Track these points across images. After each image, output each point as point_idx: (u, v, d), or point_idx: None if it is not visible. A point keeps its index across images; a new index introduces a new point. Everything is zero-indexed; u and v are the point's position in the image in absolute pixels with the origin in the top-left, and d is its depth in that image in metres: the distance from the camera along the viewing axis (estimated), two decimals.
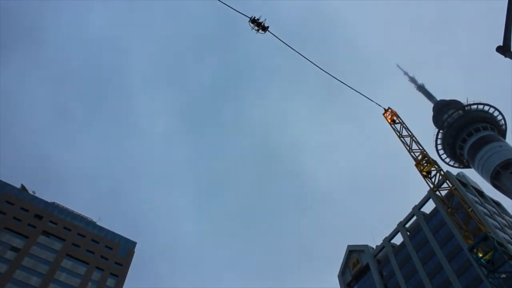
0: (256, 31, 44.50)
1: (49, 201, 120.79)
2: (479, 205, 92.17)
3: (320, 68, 46.83)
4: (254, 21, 44.59)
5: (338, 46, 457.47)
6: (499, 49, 32.66)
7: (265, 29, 44.74)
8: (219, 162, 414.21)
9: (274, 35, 44.79)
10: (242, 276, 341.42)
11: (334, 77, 46.90)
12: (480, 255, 42.73)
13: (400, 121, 53.57)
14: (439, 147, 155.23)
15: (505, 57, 32.91)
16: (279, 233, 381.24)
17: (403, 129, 52.94)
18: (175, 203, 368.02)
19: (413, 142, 51.66)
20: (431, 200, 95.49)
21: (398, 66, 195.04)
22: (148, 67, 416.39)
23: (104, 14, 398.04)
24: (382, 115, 54.29)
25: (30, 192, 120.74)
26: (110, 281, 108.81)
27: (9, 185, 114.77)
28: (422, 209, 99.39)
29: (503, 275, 43.24)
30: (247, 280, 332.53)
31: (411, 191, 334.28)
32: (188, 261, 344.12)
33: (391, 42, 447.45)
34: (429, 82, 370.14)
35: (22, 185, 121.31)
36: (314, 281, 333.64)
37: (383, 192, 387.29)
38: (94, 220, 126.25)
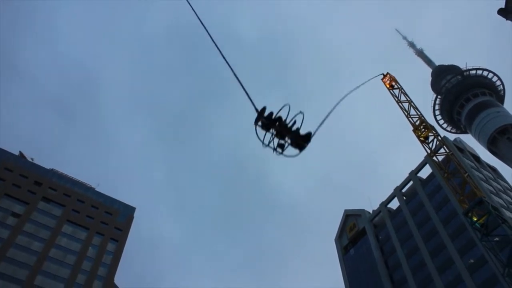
0: (279, 152, 17.06)
1: (47, 167, 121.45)
2: (475, 170, 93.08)
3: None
4: (271, 123, 16.69)
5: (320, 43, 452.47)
6: (501, 12, 32.16)
7: (307, 139, 17.01)
8: (193, 175, 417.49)
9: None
10: (220, 274, 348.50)
11: None
12: (475, 219, 43.46)
13: (399, 86, 53.21)
14: (437, 112, 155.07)
15: (507, 19, 32.44)
16: (252, 235, 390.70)
17: (402, 94, 52.71)
18: (155, 211, 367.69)
19: (411, 108, 51.57)
20: (427, 165, 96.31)
21: (397, 30, 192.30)
22: (121, 86, 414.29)
23: (76, 34, 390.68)
24: (381, 81, 53.94)
25: (29, 159, 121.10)
26: (111, 246, 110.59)
27: (7, 152, 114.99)
28: (418, 174, 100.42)
29: (496, 239, 44.12)
30: (224, 278, 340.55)
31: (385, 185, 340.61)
32: (169, 263, 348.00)
33: (387, 9, 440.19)
34: (428, 48, 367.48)
35: (20, 152, 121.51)
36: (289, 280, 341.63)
37: (351, 193, 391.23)
38: (93, 186, 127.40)
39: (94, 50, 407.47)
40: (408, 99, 52.19)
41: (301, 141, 16.90)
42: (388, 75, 53.62)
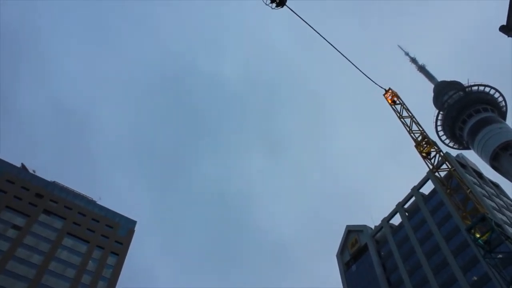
0: (271, 8, 36.31)
1: (49, 180, 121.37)
2: (478, 186, 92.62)
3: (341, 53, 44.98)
4: None
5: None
6: (502, 29, 32.45)
7: (282, 2, 36.51)
8: (180, 214, 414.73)
9: (292, 10, 37.09)
10: None
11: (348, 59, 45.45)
12: (478, 235, 42.97)
13: (401, 102, 53.15)
14: (439, 128, 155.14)
15: (508, 36, 32.71)
16: (241, 271, 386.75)
17: (404, 110, 52.66)
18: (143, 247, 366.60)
19: (413, 123, 51.46)
20: (430, 181, 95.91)
21: (399, 46, 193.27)
22: (112, 127, 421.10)
23: (71, 76, 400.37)
24: (383, 96, 54.01)
25: (30, 171, 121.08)
26: (111, 260, 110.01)
27: (9, 164, 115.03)
28: (420, 190, 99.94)
29: (500, 256, 43.67)
30: None
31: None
32: None
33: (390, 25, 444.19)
34: (430, 64, 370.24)
35: (22, 164, 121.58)
36: None
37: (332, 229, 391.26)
38: (94, 199, 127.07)
39: (88, 92, 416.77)
40: (410, 114, 52.13)
41: (282, 2, 35.44)
42: (390, 91, 53.67)
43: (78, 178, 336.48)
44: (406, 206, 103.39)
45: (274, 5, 36.29)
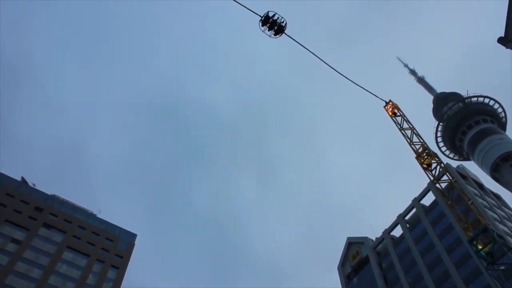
0: (269, 35, 35.55)
1: (49, 193, 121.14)
2: (479, 197, 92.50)
3: (334, 69, 44.15)
4: (266, 20, 35.04)
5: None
6: (501, 40, 32.71)
7: (281, 30, 35.50)
8: (177, 233, 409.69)
9: (290, 37, 36.41)
10: None
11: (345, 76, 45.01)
12: (480, 247, 42.80)
13: (401, 113, 53.31)
14: (439, 139, 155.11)
15: (506, 48, 32.95)
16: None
17: (404, 121, 52.80)
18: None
19: (414, 135, 51.57)
20: (430, 193, 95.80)
21: (398, 58, 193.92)
22: (107, 153, 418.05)
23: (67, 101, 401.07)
24: (383, 108, 54.20)
25: (30, 185, 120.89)
26: (111, 273, 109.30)
27: (9, 177, 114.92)
28: (421, 202, 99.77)
29: (502, 267, 43.40)
30: None
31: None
32: None
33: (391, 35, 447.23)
34: (429, 74, 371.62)
35: (22, 177, 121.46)
36: None
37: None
38: (94, 212, 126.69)
39: (84, 116, 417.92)
40: (411, 126, 52.24)
41: (280, 30, 35.18)
42: (390, 103, 53.87)
43: (77, 191, 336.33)
44: (407, 217, 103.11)
45: (272, 33, 36.13)
